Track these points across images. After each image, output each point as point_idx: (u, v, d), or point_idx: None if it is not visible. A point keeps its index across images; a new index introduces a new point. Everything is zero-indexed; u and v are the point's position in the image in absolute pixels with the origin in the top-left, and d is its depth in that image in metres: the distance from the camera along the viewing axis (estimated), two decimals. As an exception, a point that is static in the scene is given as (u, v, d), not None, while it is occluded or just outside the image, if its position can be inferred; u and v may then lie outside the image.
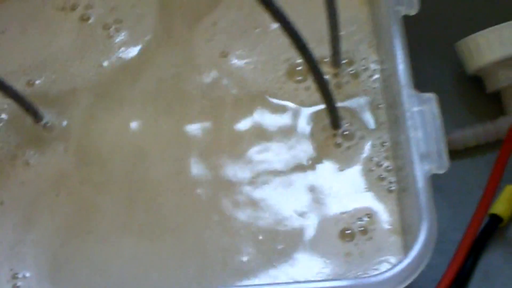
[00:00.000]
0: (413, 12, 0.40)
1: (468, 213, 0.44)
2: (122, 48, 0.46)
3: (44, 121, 0.44)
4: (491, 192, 0.43)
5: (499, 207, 0.43)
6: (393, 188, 0.40)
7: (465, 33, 0.46)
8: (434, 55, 0.48)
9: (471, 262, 0.43)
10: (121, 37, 0.46)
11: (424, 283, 0.40)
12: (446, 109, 0.38)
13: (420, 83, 0.39)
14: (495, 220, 0.43)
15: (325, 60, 0.43)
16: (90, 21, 0.47)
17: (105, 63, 0.45)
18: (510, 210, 0.43)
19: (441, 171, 0.36)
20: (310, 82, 0.43)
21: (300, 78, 0.43)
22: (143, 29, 0.46)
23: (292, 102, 0.43)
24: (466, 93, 0.48)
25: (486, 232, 0.43)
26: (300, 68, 0.44)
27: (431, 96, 0.37)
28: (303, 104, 0.43)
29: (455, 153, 0.44)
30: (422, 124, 0.37)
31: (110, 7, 0.47)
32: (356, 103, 0.42)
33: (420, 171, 0.35)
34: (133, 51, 0.46)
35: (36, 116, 0.43)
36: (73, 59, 0.46)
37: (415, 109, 0.37)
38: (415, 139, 0.36)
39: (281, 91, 0.43)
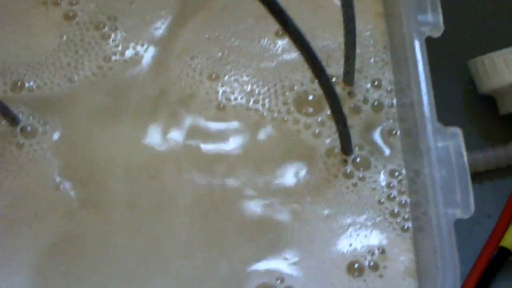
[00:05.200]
0: (437, 34, 0.37)
1: (475, 243, 0.42)
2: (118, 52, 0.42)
3: (21, 125, 0.39)
4: (505, 224, 0.41)
5: (508, 240, 0.41)
6: (407, 225, 0.37)
7: (477, 52, 0.43)
8: (445, 72, 0.45)
9: (478, 297, 0.41)
10: (117, 37, 0.42)
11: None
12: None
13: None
14: (504, 253, 0.41)
15: (334, 79, 0.40)
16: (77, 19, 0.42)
17: (95, 69, 0.41)
18: (522, 243, 0.41)
19: (466, 216, 0.33)
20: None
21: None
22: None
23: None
24: (476, 114, 0.45)
25: (494, 266, 0.41)
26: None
27: (456, 131, 0.34)
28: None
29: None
30: (447, 162, 0.34)
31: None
32: (368, 128, 0.39)
33: (444, 216, 0.33)
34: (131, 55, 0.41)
35: (13, 120, 0.39)
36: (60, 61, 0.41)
37: (440, 144, 0.34)
38: (439, 178, 0.33)
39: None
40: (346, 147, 0.37)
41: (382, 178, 0.38)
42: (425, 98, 0.35)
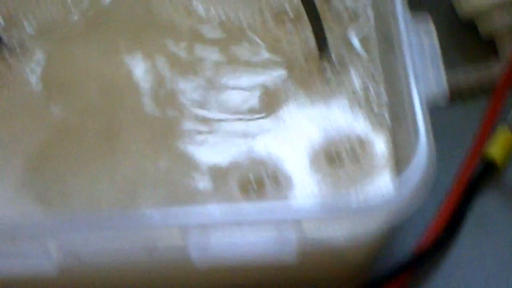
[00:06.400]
0: None
1: (460, 158, 0.42)
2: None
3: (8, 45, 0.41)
4: (484, 134, 0.41)
5: (493, 151, 0.41)
6: (385, 120, 0.37)
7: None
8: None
9: (463, 208, 0.40)
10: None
11: (412, 229, 0.38)
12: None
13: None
14: (490, 164, 0.41)
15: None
16: None
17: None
18: (504, 154, 0.41)
19: (439, 91, 0.34)
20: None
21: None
22: None
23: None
24: (458, 38, 0.46)
25: (480, 177, 0.41)
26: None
27: (425, 15, 0.35)
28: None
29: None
30: (418, 44, 0.35)
31: None
32: (344, 27, 0.40)
33: (418, 96, 0.32)
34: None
35: None
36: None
37: (411, 31, 0.35)
38: (410, 57, 0.34)
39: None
40: (321, 43, 0.38)
41: (359, 76, 0.39)
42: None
